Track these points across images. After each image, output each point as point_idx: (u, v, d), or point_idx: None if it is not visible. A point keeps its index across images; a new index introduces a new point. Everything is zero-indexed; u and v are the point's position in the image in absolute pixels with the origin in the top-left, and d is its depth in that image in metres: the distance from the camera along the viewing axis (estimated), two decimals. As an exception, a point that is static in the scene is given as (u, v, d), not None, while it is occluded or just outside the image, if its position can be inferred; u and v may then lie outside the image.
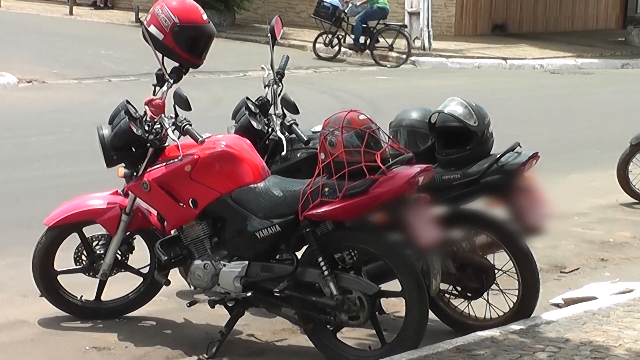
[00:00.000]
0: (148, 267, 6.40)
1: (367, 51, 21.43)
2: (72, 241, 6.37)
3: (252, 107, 6.57)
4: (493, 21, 27.14)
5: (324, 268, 5.58)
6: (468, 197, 6.12)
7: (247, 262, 5.77)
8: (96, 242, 6.35)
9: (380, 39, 21.42)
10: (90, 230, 6.37)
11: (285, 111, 6.66)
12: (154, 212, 6.20)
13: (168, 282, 6.17)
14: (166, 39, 6.01)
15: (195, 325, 6.37)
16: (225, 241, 5.88)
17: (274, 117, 6.59)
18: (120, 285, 6.51)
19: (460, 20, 26.22)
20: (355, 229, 5.65)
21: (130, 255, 6.41)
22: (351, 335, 6.04)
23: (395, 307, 6.39)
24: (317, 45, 21.66)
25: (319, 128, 5.96)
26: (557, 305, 6.85)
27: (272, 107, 6.68)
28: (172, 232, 6.06)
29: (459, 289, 6.23)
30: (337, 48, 21.59)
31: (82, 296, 6.42)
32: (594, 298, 6.78)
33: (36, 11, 26.93)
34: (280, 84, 6.73)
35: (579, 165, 11.88)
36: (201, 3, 6.55)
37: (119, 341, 6.08)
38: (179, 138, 5.88)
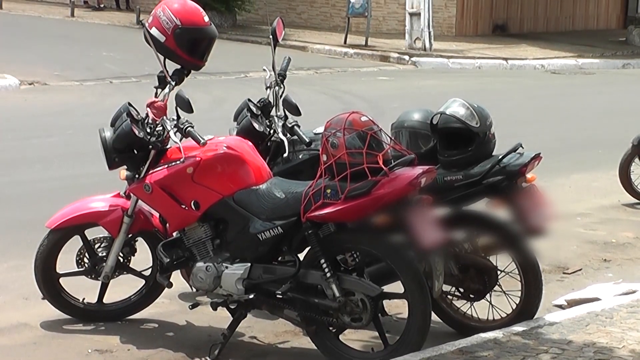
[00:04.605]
0: (150, 269, 6.39)
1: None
2: (74, 244, 6.37)
3: (254, 109, 6.57)
4: (494, 21, 27.10)
5: (326, 270, 5.57)
6: (470, 198, 6.12)
7: (249, 264, 5.76)
8: (98, 244, 6.35)
9: None
10: (92, 233, 6.37)
11: (287, 113, 6.65)
12: (156, 214, 6.20)
13: (170, 285, 6.15)
14: (168, 41, 6.01)
15: (197, 327, 6.37)
16: (228, 243, 5.87)
17: (275, 118, 6.58)
18: (123, 288, 6.51)
19: (461, 21, 26.19)
20: (358, 230, 5.64)
21: (132, 257, 6.41)
22: (354, 337, 6.03)
23: (397, 308, 6.38)
24: None
25: (320, 129, 5.95)
26: (560, 307, 6.84)
27: (274, 108, 6.67)
28: (174, 234, 6.05)
29: (461, 290, 6.22)
30: None
31: (84, 299, 6.41)
32: (597, 299, 6.77)
33: (38, 13, 26.91)
34: (281, 86, 6.73)
35: (581, 166, 11.86)
36: (202, 4, 6.56)
37: (121, 344, 6.07)
38: (180, 140, 5.87)
